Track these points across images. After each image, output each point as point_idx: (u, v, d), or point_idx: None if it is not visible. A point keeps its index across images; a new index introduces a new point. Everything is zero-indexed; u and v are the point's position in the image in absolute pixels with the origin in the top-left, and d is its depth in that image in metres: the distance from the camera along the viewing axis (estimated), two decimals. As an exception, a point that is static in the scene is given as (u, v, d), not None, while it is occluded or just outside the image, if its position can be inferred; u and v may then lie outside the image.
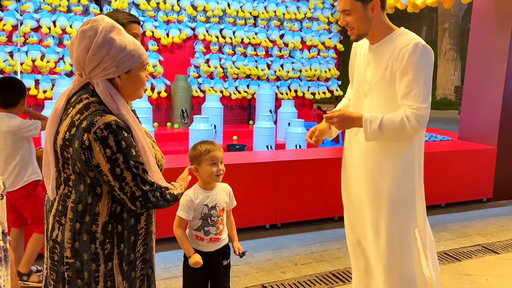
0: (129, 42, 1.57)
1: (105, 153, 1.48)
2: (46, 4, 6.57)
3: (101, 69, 1.54)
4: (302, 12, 8.14)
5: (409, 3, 6.35)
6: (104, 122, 1.49)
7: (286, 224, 4.25)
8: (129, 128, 1.55)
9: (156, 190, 1.59)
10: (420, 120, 2.02)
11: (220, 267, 2.36)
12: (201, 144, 2.29)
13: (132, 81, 1.61)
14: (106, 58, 1.53)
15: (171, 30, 7.26)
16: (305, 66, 8.26)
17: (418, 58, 1.98)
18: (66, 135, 1.54)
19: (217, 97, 6.97)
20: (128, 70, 1.58)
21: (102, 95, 1.55)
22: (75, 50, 1.55)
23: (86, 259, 1.58)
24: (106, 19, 1.56)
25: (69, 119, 1.55)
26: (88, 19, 1.59)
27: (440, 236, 4.23)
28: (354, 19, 2.08)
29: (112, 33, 1.54)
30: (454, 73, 17.01)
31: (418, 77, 1.98)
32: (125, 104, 1.59)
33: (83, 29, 1.54)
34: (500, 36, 5.10)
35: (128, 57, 1.56)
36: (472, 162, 5.09)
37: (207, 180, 2.29)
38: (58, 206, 1.60)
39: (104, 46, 1.52)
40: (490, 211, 5.03)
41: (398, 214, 2.25)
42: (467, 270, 3.51)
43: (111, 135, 1.48)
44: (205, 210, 2.28)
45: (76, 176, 1.56)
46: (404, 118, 2.03)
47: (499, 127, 5.17)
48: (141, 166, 1.55)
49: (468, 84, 5.51)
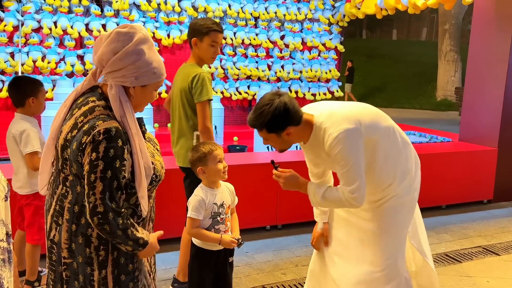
0: (156, 59, 1.58)
1: (91, 156, 1.48)
2: (47, 5, 6.58)
3: (121, 75, 1.54)
4: (303, 13, 8.14)
5: (409, 4, 6.36)
6: (104, 127, 1.48)
7: (286, 225, 4.25)
8: (128, 138, 1.54)
9: (120, 215, 1.52)
10: (353, 202, 2.09)
11: (227, 264, 2.40)
12: (203, 146, 2.31)
13: (144, 96, 1.62)
14: (130, 67, 1.53)
15: (172, 31, 7.27)
16: (306, 67, 8.27)
17: (341, 148, 2.03)
18: (68, 136, 1.54)
19: (217, 98, 6.97)
20: (145, 85, 1.58)
21: (111, 98, 1.55)
22: (103, 47, 1.54)
23: (81, 261, 1.58)
24: (143, 30, 1.57)
25: (73, 120, 1.56)
26: (125, 23, 1.59)
27: (440, 237, 4.22)
28: (273, 143, 2.13)
29: (144, 46, 1.55)
30: (455, 74, 17.01)
31: (346, 162, 2.05)
32: (132, 114, 1.58)
33: (119, 31, 1.53)
34: (500, 37, 5.10)
35: (150, 73, 1.56)
36: (472, 164, 5.09)
37: (214, 179, 2.32)
38: (56, 206, 1.60)
39: (132, 55, 1.52)
40: (491, 213, 5.02)
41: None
42: (468, 272, 3.51)
43: (105, 141, 1.47)
44: (215, 209, 2.31)
45: (74, 177, 1.56)
46: (342, 198, 2.11)
47: (499, 128, 5.17)
48: (117, 181, 1.50)
49: (469, 85, 5.50)
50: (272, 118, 1.98)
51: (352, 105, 2.21)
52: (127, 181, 1.55)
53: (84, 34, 6.69)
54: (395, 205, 2.24)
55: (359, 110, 2.15)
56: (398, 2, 6.56)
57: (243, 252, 3.68)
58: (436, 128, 8.01)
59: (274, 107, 1.97)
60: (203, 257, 2.35)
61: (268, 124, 2.00)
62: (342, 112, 2.10)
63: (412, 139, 5.94)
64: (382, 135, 2.16)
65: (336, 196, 2.11)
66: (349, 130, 2.02)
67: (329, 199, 2.14)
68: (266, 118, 1.98)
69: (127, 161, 1.53)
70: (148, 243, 1.61)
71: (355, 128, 2.04)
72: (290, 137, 2.08)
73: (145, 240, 1.59)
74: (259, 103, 2.03)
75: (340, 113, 2.08)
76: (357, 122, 2.05)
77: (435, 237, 4.21)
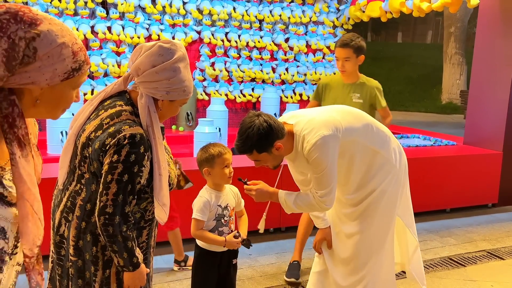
0: (188, 78, 1.63)
1: (113, 157, 1.51)
2: (53, 7, 6.62)
3: (154, 87, 1.58)
4: (307, 16, 8.14)
5: (414, 7, 6.34)
6: (130, 132, 1.52)
7: (290, 228, 4.24)
8: (151, 146, 1.58)
9: (126, 223, 1.55)
10: (323, 205, 2.17)
11: (231, 266, 2.40)
12: (213, 147, 2.31)
13: (170, 109, 1.67)
14: (164, 82, 1.57)
15: (177, 33, 7.29)
16: (310, 69, 8.26)
17: (318, 154, 2.09)
18: (91, 135, 1.57)
19: (222, 100, 6.98)
20: (173, 100, 1.63)
21: (141, 107, 1.59)
22: (142, 57, 1.58)
23: (88, 259, 1.60)
24: (183, 48, 1.62)
25: (98, 120, 1.59)
26: (168, 39, 1.66)
27: (445, 241, 4.21)
28: (265, 162, 2.18)
29: (181, 64, 1.60)
30: (460, 77, 16.94)
31: (321, 168, 2.11)
32: (158, 124, 1.62)
33: (162, 46, 1.58)
34: (506, 40, 5.09)
35: (180, 90, 1.61)
36: (477, 167, 5.07)
37: (219, 182, 2.33)
38: (67, 203, 1.62)
39: (169, 71, 1.57)
40: (496, 217, 5.00)
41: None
42: (472, 276, 3.49)
43: (128, 146, 1.51)
44: (219, 211, 2.31)
45: (90, 175, 1.59)
46: (313, 202, 2.19)
47: (505, 132, 5.14)
48: (131, 186, 1.54)
49: (474, 89, 5.48)
50: (259, 137, 2.03)
51: (328, 110, 2.28)
52: (141, 187, 1.59)
53: (89, 36, 6.72)
54: (381, 200, 2.31)
55: (335, 115, 2.21)
56: (403, 5, 6.55)
57: (246, 255, 3.68)
58: (440, 131, 7.98)
59: (258, 127, 2.03)
60: (207, 258, 2.36)
61: (257, 144, 2.05)
62: (319, 118, 2.15)
63: (416, 142, 5.93)
64: (360, 134, 2.23)
65: (307, 201, 2.20)
66: (326, 136, 2.09)
67: (301, 205, 2.22)
68: (253, 140, 2.04)
69: (145, 168, 1.57)
70: (140, 266, 1.61)
71: (332, 134, 2.10)
72: (280, 151, 2.13)
73: (138, 261, 1.60)
74: (241, 129, 2.08)
75: (317, 120, 2.14)
76: (334, 128, 2.12)
77: (439, 240, 4.19)
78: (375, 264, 2.35)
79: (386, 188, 2.31)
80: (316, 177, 2.15)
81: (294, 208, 2.25)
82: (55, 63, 1.02)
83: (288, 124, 2.20)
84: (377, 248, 2.35)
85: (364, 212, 2.33)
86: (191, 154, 6.07)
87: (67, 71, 1.04)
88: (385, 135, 2.35)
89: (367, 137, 2.26)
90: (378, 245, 2.36)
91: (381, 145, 2.30)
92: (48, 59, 1.00)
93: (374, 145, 2.28)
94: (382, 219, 2.34)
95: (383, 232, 2.36)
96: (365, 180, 2.30)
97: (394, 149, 2.37)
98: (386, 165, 2.31)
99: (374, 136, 2.29)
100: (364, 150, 2.25)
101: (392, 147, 2.36)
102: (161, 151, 1.61)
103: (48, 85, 1.03)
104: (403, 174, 2.42)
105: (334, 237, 2.47)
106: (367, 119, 2.31)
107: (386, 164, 2.31)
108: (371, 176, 2.29)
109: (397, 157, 2.36)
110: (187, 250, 3.66)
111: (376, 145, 2.28)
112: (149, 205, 1.66)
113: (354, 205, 2.35)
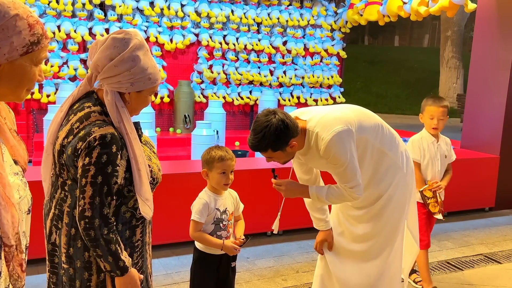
0: (151, 65, 1.58)
1: (84, 161, 1.49)
2: (51, 9, 6.61)
3: (116, 81, 1.54)
4: (305, 19, 8.16)
5: (412, 11, 6.37)
6: (100, 134, 1.49)
7: (287, 231, 4.24)
8: (125, 144, 1.55)
9: (107, 225, 1.50)
10: (354, 194, 2.18)
11: (229, 269, 2.39)
12: (217, 150, 2.29)
13: (139, 101, 1.62)
14: (125, 73, 1.53)
15: (175, 35, 7.29)
16: (308, 72, 8.28)
17: (335, 150, 2.08)
18: (64, 142, 1.55)
19: (219, 103, 6.98)
20: (140, 90, 1.58)
21: (108, 104, 1.55)
22: (98, 53, 1.54)
23: (79, 266, 1.58)
24: (138, 36, 1.56)
25: (69, 125, 1.56)
26: (121, 29, 1.60)
27: (442, 245, 4.21)
28: (278, 158, 2.16)
29: (140, 52, 1.55)
30: (457, 81, 17.01)
31: (342, 163, 2.11)
32: (129, 118, 1.58)
33: (115, 37, 1.53)
34: (503, 44, 5.11)
35: (145, 79, 1.56)
36: (474, 171, 5.08)
37: (215, 186, 2.32)
38: (55, 211, 1.61)
39: (128, 62, 1.52)
40: (493, 220, 5.00)
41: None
42: (469, 280, 3.49)
43: (99, 147, 1.48)
44: (218, 215, 2.30)
45: (72, 181, 1.57)
46: (344, 193, 2.19)
47: (502, 136, 5.16)
48: (107, 187, 1.50)
49: (471, 93, 5.50)
50: (276, 138, 2.01)
51: (340, 108, 2.27)
52: (120, 186, 1.55)
53: (87, 38, 6.71)
54: (389, 204, 2.32)
55: (347, 111, 2.21)
56: (401, 9, 6.57)
57: (244, 258, 3.67)
58: (438, 135, 7.98)
59: (275, 127, 1.99)
60: (205, 261, 2.34)
61: (273, 144, 2.03)
62: (332, 115, 2.14)
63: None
64: (371, 133, 2.23)
65: (338, 193, 2.19)
66: (341, 131, 2.08)
67: (332, 198, 2.21)
68: (270, 139, 2.01)
69: (120, 167, 1.53)
70: (128, 270, 1.55)
71: (346, 129, 2.10)
72: (293, 148, 2.11)
73: (125, 265, 1.54)
74: (257, 127, 2.03)
75: (330, 116, 2.13)
76: (347, 123, 2.11)
77: (436, 244, 4.19)
78: (386, 263, 2.39)
79: (394, 192, 2.31)
80: (338, 172, 2.14)
81: (326, 202, 2.24)
82: (11, 36, 0.98)
83: (301, 120, 2.18)
84: (389, 246, 2.38)
85: (374, 216, 2.33)
86: (189, 156, 6.06)
87: (25, 44, 1.01)
88: (394, 138, 2.35)
89: (377, 137, 2.26)
90: (389, 243, 2.38)
91: (390, 147, 2.30)
92: (3, 32, 0.97)
93: (383, 146, 2.28)
94: (391, 222, 2.34)
95: (392, 235, 2.37)
96: (372, 182, 2.29)
97: (402, 152, 2.36)
98: (393, 167, 2.31)
99: (384, 137, 2.29)
100: (373, 150, 2.25)
101: (400, 150, 2.36)
102: (137, 146, 1.57)
103: (7, 60, 0.99)
104: (411, 179, 2.42)
105: (337, 237, 2.46)
106: (378, 119, 2.31)
107: (392, 166, 2.31)
108: (379, 178, 2.29)
109: (404, 161, 2.36)
110: (186, 253, 3.65)
111: (385, 146, 2.28)
112: (137, 203, 1.63)
113: (361, 208, 2.35)
